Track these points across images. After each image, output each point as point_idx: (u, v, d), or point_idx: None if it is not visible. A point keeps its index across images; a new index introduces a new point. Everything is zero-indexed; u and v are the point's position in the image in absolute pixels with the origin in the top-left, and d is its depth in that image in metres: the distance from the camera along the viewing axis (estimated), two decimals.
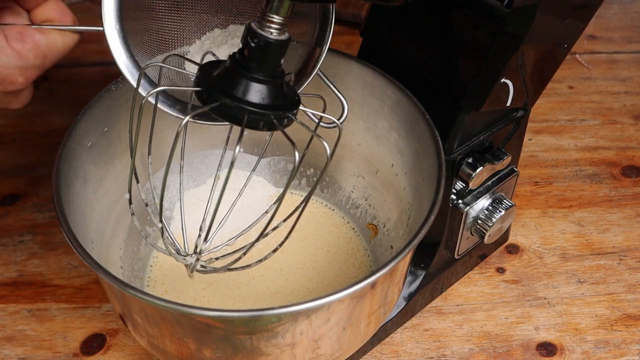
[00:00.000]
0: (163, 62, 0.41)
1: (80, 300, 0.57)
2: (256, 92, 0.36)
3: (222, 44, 0.45)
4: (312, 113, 0.42)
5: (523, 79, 0.47)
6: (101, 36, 0.41)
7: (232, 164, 0.35)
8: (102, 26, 0.41)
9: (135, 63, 0.42)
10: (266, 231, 0.40)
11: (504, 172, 0.54)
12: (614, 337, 0.55)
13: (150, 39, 0.43)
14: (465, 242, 0.55)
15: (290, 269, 0.55)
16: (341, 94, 0.44)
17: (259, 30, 0.36)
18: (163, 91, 0.43)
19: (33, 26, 0.41)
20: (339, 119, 0.41)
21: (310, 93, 0.46)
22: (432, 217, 0.41)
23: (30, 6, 0.42)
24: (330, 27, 0.44)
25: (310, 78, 0.45)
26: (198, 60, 0.42)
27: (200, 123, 0.43)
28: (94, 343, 0.54)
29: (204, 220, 0.43)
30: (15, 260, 0.60)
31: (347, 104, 0.44)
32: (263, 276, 0.54)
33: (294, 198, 0.60)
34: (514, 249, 0.63)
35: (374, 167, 0.55)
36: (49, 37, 0.41)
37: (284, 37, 0.36)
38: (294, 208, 0.44)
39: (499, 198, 0.54)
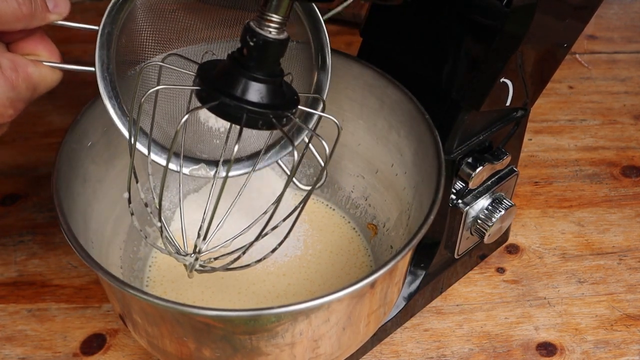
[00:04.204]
0: (162, 61, 0.41)
1: (80, 300, 0.57)
2: (255, 91, 0.36)
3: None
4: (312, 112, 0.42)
5: (523, 78, 0.47)
6: None
7: (230, 162, 0.35)
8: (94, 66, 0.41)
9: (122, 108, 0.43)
10: (265, 230, 0.40)
11: (503, 172, 0.54)
12: (614, 337, 0.55)
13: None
14: (465, 242, 0.55)
15: (293, 273, 0.55)
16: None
17: (258, 30, 0.35)
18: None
19: (28, 58, 0.39)
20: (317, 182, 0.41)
21: (309, 93, 0.46)
22: (432, 217, 0.41)
23: (11, 39, 0.40)
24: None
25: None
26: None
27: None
28: (94, 343, 0.54)
29: (203, 219, 0.43)
30: (15, 260, 0.60)
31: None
32: (264, 282, 0.54)
33: (294, 197, 0.60)
34: (514, 249, 0.63)
35: (373, 167, 0.55)
36: (40, 70, 0.40)
37: (282, 36, 0.36)
38: (293, 207, 0.44)
39: (499, 198, 0.54)
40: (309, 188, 0.39)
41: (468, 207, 0.52)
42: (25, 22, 0.38)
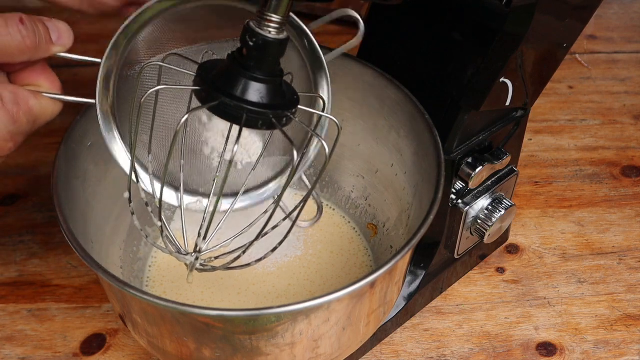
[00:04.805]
0: (162, 61, 0.41)
1: (80, 300, 0.57)
2: (255, 91, 0.36)
3: None
4: (312, 112, 0.42)
5: (522, 78, 0.47)
6: (100, 36, 0.41)
7: (230, 162, 0.35)
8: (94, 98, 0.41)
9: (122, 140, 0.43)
10: (265, 230, 0.40)
11: (503, 172, 0.54)
12: (614, 337, 0.55)
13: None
14: (465, 242, 0.55)
15: (293, 274, 0.55)
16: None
17: (258, 30, 0.36)
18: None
19: (29, 88, 0.39)
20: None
21: (310, 93, 0.46)
22: (432, 217, 0.41)
23: (12, 69, 0.39)
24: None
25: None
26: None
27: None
28: (94, 343, 0.54)
29: (203, 219, 0.43)
30: (15, 260, 0.60)
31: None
32: (264, 282, 0.54)
33: (294, 197, 0.60)
34: (514, 249, 0.63)
35: (373, 167, 0.55)
36: (41, 103, 0.39)
37: (282, 36, 0.36)
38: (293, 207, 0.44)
39: (499, 198, 0.54)
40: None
41: (468, 207, 0.52)
42: (29, 55, 0.38)
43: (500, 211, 0.53)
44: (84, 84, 0.76)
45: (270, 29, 0.36)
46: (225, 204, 0.47)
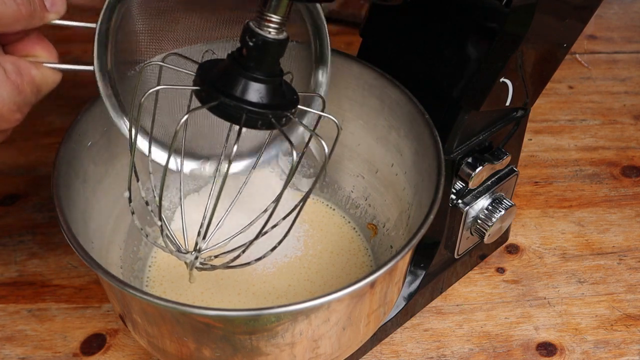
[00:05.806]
0: (162, 61, 0.41)
1: (80, 300, 0.57)
2: (254, 91, 0.36)
3: None
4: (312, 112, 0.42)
5: (522, 78, 0.47)
6: None
7: (230, 162, 0.35)
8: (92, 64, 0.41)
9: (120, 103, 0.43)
10: (265, 229, 0.40)
11: (503, 171, 0.54)
12: (614, 337, 0.55)
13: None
14: (465, 242, 0.55)
15: (294, 274, 0.55)
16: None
17: (257, 30, 0.36)
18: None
19: (28, 59, 0.39)
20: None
21: (309, 92, 0.46)
22: (432, 217, 0.41)
23: (7, 40, 0.39)
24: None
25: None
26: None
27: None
28: (94, 343, 0.54)
29: (203, 217, 0.43)
30: (15, 260, 0.60)
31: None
32: (264, 282, 0.54)
33: (294, 197, 0.60)
34: (514, 249, 0.63)
35: (373, 167, 0.55)
36: (42, 72, 0.39)
37: (282, 36, 0.36)
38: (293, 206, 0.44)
39: (499, 198, 0.54)
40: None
41: (468, 207, 0.52)
42: (25, 23, 0.38)
43: (500, 211, 0.53)
44: (83, 84, 0.76)
45: (270, 29, 0.36)
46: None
